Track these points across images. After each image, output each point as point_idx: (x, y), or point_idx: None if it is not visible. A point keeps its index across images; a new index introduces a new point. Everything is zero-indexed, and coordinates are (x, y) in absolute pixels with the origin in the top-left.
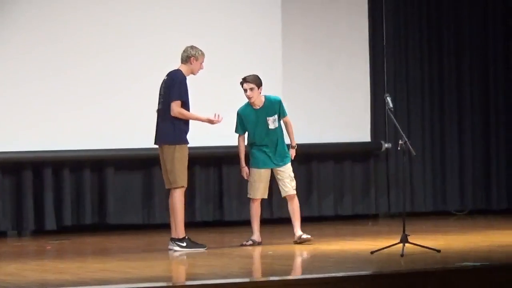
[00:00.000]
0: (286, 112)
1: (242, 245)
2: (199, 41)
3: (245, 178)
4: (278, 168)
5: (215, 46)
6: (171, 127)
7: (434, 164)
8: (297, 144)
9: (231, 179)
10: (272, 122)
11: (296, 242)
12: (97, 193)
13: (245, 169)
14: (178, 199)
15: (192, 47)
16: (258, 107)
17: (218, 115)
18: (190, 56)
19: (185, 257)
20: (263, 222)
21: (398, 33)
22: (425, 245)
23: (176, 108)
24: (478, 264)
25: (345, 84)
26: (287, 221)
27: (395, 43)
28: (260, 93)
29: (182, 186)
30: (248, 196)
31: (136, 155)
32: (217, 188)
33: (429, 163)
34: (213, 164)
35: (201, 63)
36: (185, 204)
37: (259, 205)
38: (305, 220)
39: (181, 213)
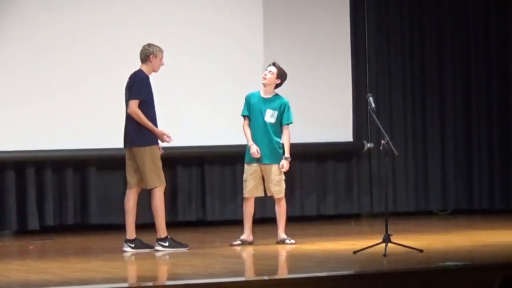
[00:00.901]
0: (292, 119)
1: (231, 245)
2: (180, 40)
3: (257, 155)
4: (267, 165)
5: (196, 45)
6: (140, 130)
7: (417, 164)
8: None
9: (214, 178)
10: (269, 115)
11: (278, 242)
12: (80, 193)
13: (254, 146)
14: (158, 199)
15: (149, 45)
16: (265, 96)
17: (169, 136)
18: (149, 54)
19: (167, 256)
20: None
21: (380, 32)
22: (408, 245)
23: (134, 107)
24: (461, 264)
25: (327, 83)
26: (270, 221)
27: (377, 43)
28: (276, 86)
29: (161, 186)
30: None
31: (118, 155)
32: (200, 188)
33: (412, 163)
34: (195, 164)
35: (160, 59)
36: (166, 204)
37: (252, 204)
38: (287, 220)
39: (162, 212)
